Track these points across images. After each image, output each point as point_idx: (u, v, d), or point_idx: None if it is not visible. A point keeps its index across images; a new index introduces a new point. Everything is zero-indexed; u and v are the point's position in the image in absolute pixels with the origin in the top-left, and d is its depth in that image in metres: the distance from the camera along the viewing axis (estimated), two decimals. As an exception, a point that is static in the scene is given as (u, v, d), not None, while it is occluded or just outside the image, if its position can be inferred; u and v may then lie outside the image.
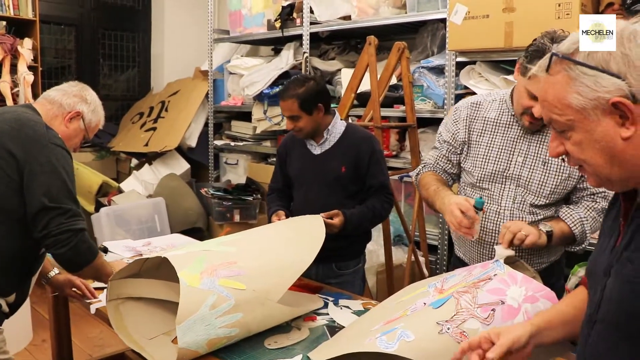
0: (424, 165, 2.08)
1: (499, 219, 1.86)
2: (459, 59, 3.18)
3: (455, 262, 2.15)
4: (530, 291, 1.24)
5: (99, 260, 1.86)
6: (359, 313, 1.86)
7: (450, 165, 2.02)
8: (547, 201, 1.85)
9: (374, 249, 3.33)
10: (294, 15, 4.17)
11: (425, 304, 1.37)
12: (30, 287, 1.93)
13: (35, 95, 4.12)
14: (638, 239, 0.95)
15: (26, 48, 4.16)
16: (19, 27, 4.36)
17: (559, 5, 2.58)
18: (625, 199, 1.00)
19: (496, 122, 1.91)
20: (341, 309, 1.92)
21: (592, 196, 1.87)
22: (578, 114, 0.92)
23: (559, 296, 1.44)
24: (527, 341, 1.13)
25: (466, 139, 1.96)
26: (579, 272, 2.74)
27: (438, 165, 2.04)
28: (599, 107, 0.90)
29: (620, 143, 0.90)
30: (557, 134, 0.99)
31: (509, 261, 1.49)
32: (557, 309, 1.22)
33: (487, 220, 1.88)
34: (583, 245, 1.90)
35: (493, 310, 1.23)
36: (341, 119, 2.39)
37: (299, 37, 4.17)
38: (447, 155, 2.02)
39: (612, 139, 0.91)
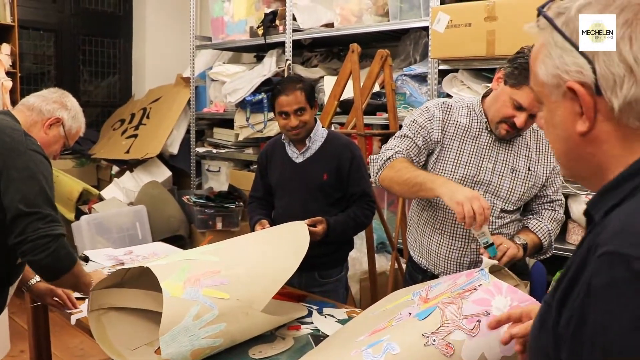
0: (397, 152, 1.90)
1: None
2: (442, 67, 3.20)
3: (411, 271, 2.09)
4: (515, 301, 1.25)
5: (78, 267, 1.82)
6: (343, 322, 1.85)
7: (418, 160, 1.91)
8: (514, 207, 1.90)
9: (357, 257, 3.33)
10: (277, 22, 4.16)
11: (410, 314, 1.37)
12: (7, 297, 1.89)
13: (13, 102, 4.06)
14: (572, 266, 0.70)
15: (4, 53, 4.11)
16: (-3, 32, 4.31)
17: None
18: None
19: (467, 128, 1.91)
20: (325, 317, 1.91)
21: (550, 204, 1.95)
22: (542, 87, 0.77)
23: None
24: None
25: (440, 140, 1.91)
26: (560, 278, 2.76)
27: (409, 155, 1.90)
28: (560, 88, 0.73)
29: (576, 137, 0.74)
30: None
31: (493, 270, 1.49)
32: None
33: (457, 225, 1.89)
34: (548, 254, 1.99)
35: (479, 321, 1.23)
36: (324, 127, 2.40)
37: (281, 45, 4.16)
38: (420, 147, 1.90)
39: (569, 130, 0.74)
